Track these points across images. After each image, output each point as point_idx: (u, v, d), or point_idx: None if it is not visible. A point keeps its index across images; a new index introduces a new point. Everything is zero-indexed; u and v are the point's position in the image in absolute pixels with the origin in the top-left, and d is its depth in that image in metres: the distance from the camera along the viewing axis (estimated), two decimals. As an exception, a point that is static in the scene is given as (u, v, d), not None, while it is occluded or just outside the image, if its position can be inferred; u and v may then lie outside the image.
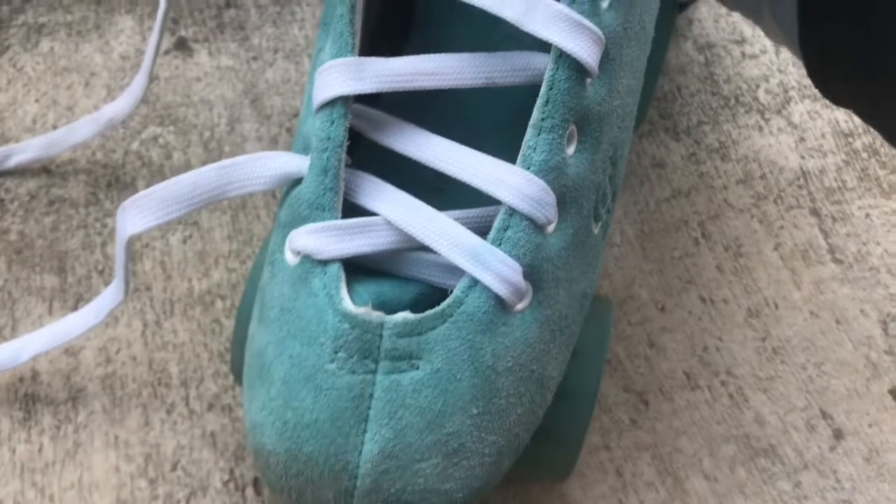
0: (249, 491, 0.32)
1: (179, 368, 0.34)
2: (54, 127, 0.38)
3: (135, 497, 0.32)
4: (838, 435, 0.34)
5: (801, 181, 0.38)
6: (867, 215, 0.38)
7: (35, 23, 0.40)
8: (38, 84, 0.39)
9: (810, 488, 0.33)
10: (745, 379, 0.35)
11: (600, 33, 0.23)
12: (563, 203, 0.23)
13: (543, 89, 0.22)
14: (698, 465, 0.33)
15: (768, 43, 0.41)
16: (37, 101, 0.38)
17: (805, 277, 0.36)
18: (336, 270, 0.22)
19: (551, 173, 0.22)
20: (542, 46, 0.22)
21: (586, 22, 0.22)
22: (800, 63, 0.41)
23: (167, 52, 0.40)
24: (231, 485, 0.32)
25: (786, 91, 0.40)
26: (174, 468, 0.32)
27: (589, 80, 0.23)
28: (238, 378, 0.31)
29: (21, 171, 0.37)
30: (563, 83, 0.22)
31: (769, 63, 0.41)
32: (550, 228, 0.23)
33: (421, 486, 0.21)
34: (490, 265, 0.22)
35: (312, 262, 0.22)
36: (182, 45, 0.40)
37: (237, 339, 0.30)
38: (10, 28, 0.40)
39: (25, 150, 0.36)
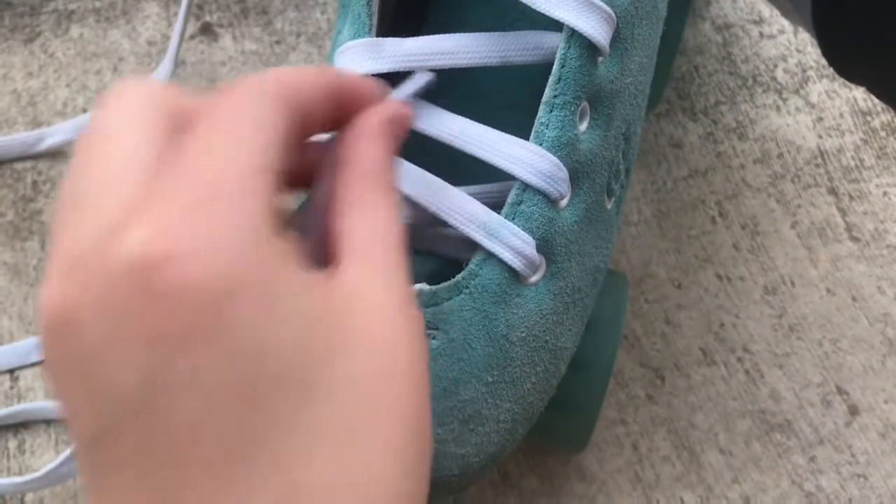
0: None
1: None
2: (84, 111, 0.39)
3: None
4: (853, 410, 0.34)
5: (819, 160, 0.39)
6: (885, 193, 0.38)
7: (65, 9, 0.41)
8: (68, 69, 0.40)
9: (825, 462, 0.33)
10: (760, 355, 0.35)
11: (611, 12, 0.23)
12: (575, 178, 0.23)
13: (555, 67, 0.22)
14: (714, 439, 0.34)
15: (786, 23, 0.41)
16: (67, 85, 0.39)
17: (822, 255, 0.37)
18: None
19: (563, 149, 0.23)
20: (556, 26, 0.23)
21: (597, 1, 0.23)
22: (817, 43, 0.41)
23: (192, 37, 0.40)
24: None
25: (804, 71, 0.40)
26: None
27: (601, 59, 0.23)
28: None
29: (53, 154, 0.38)
30: (575, 61, 0.22)
31: (787, 43, 0.41)
32: (563, 203, 0.23)
33: (438, 451, 0.22)
34: (504, 238, 0.22)
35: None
36: (207, 30, 0.41)
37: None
38: (41, 15, 0.41)
39: (57, 134, 0.37)
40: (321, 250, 0.18)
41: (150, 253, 0.15)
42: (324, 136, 0.20)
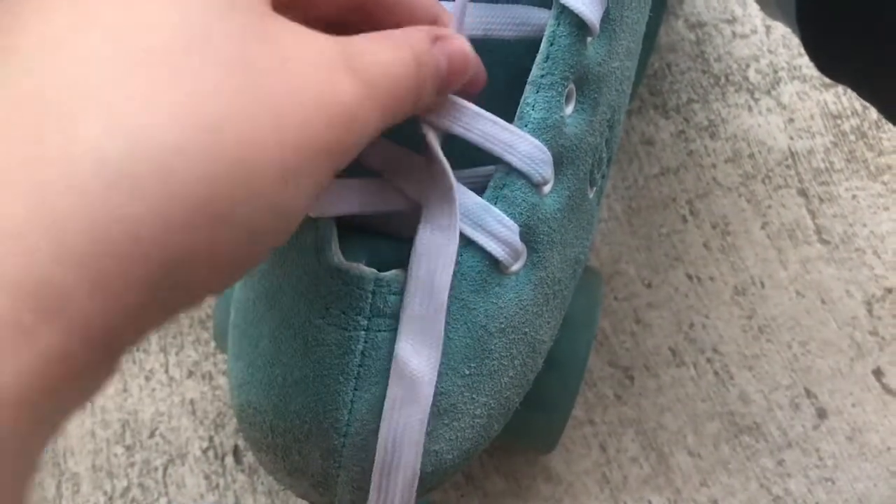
0: (229, 459, 0.32)
1: (159, 335, 0.34)
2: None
3: (111, 463, 0.31)
4: (822, 414, 0.34)
5: (790, 161, 0.38)
6: (854, 197, 0.38)
7: None
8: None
9: (793, 466, 0.33)
10: (730, 356, 0.34)
11: (602, -9, 0.22)
12: (559, 163, 0.22)
13: (543, 45, 0.21)
14: (683, 441, 0.33)
15: (759, 23, 0.41)
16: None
17: (791, 257, 0.36)
18: (328, 226, 0.22)
19: (549, 132, 0.22)
20: (542, 2, 0.22)
21: (588, -22, 0.22)
22: (790, 44, 0.41)
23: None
24: (210, 453, 0.32)
25: (776, 72, 0.40)
26: (152, 435, 0.32)
27: (589, 39, 0.22)
28: (220, 345, 0.30)
29: None
30: (564, 39, 0.21)
31: (759, 43, 0.41)
32: (546, 189, 0.22)
33: (410, 447, 0.21)
34: (487, 225, 0.21)
35: (305, 219, 0.22)
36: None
37: (220, 305, 0.29)
38: None
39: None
40: None
41: None
42: None
